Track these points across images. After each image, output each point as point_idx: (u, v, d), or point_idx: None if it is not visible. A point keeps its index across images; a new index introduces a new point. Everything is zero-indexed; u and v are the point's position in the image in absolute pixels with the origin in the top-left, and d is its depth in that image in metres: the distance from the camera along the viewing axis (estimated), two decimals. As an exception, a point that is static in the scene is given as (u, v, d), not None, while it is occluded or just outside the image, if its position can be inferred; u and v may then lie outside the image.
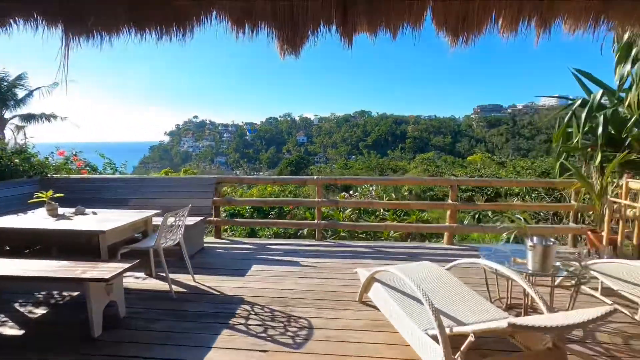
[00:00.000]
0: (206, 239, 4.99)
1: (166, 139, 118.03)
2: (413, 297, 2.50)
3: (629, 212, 3.97)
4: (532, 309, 2.85)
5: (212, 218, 4.94)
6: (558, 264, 2.60)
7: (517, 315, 2.92)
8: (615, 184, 4.20)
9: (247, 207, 7.36)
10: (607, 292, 3.05)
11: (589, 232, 4.35)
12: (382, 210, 6.85)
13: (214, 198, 4.83)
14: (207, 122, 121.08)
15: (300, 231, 6.28)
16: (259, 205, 7.10)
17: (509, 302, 2.97)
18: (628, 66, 4.02)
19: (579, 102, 4.81)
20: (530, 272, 2.53)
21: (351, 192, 9.20)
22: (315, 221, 4.91)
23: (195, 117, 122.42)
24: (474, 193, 9.48)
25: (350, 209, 6.62)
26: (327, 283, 3.48)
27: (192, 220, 4.13)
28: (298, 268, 3.90)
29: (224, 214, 7.40)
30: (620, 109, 4.42)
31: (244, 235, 6.34)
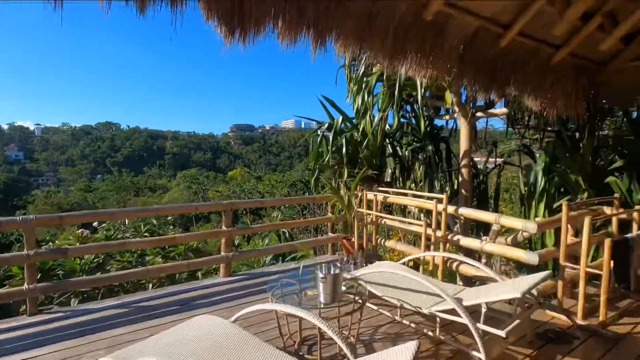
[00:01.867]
0: None
1: None
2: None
3: (368, 219, 4.78)
4: (322, 337, 2.74)
5: None
6: (344, 288, 2.57)
7: (310, 348, 2.72)
8: (357, 196, 4.99)
9: None
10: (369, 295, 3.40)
11: (344, 240, 4.96)
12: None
13: None
14: None
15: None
16: None
17: (301, 336, 2.73)
18: (365, 98, 4.90)
19: (326, 125, 5.50)
20: (323, 306, 2.34)
21: (95, 224, 7.10)
22: (25, 286, 3.14)
23: None
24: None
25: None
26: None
27: None
28: (-17, 384, 2.24)
29: None
30: (355, 133, 5.34)
31: None
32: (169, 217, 9.21)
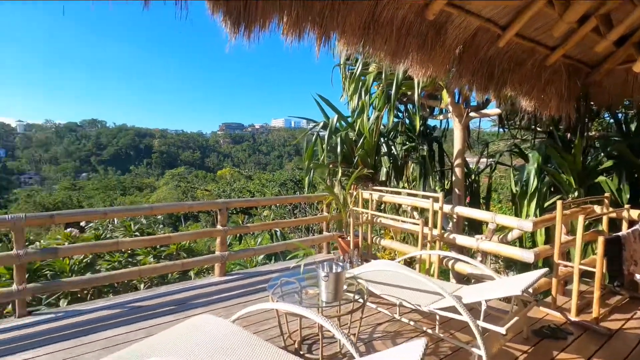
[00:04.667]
0: None
1: None
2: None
3: (363, 218, 4.78)
4: (323, 336, 2.73)
5: None
6: (346, 287, 2.56)
7: (310, 347, 2.71)
8: (353, 195, 4.99)
9: None
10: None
11: (339, 239, 4.95)
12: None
13: None
14: None
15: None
16: None
17: (301, 335, 2.72)
18: (362, 97, 4.90)
19: (321, 124, 5.48)
20: (325, 305, 2.33)
21: (83, 223, 6.95)
22: (14, 287, 3.04)
23: None
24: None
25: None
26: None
27: None
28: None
29: None
30: (350, 132, 5.34)
31: None
32: (159, 217, 9.07)
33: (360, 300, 2.56)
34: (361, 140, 5.07)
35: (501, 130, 6.39)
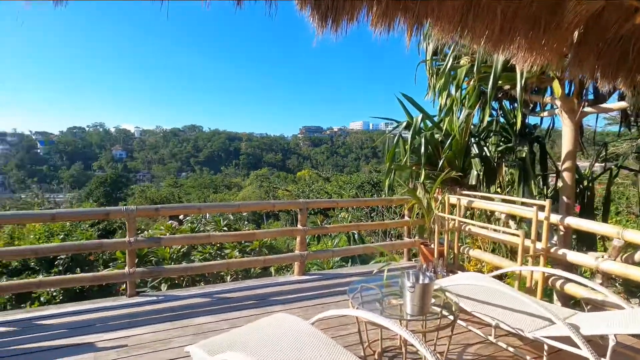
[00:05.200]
0: None
1: None
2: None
3: (450, 225, 4.40)
4: (407, 350, 2.54)
5: None
6: (433, 300, 2.34)
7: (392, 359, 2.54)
8: (438, 200, 4.63)
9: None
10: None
11: (422, 246, 4.65)
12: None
13: None
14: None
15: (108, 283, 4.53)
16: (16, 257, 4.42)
17: (382, 346, 2.56)
18: (452, 93, 4.55)
19: (404, 124, 5.22)
20: (409, 317, 2.15)
21: (181, 217, 7.74)
22: (126, 270, 3.47)
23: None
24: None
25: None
26: (142, 376, 2.26)
27: None
28: (91, 356, 2.48)
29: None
30: (435, 132, 4.98)
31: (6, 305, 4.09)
32: (244, 214, 9.64)
33: (450, 316, 2.31)
34: (449, 140, 4.68)
35: (623, 129, 5.33)
